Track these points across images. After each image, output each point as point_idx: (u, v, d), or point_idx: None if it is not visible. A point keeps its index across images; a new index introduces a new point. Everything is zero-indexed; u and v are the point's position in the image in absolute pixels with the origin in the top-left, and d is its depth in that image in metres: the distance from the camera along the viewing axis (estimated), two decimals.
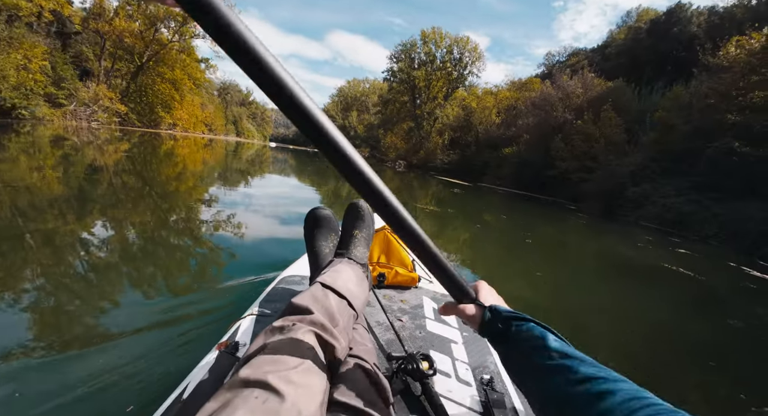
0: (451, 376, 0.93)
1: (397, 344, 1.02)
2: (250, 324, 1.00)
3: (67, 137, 12.48)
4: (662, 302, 3.62)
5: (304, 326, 0.63)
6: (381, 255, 1.53)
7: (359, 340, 0.82)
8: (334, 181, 11.43)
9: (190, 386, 0.75)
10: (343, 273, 0.87)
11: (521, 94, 24.97)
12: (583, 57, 37.24)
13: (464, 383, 0.91)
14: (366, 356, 0.75)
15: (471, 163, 25.91)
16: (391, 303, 1.29)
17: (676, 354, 2.48)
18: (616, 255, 6.13)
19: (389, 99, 39.05)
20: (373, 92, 59.72)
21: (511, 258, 4.65)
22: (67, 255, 2.29)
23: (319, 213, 1.11)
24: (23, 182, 4.20)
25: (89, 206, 3.59)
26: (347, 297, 0.79)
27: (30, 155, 6.94)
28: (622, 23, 41.18)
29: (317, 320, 0.66)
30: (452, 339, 1.11)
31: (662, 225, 10.44)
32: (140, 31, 22.79)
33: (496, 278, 3.46)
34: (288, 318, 0.66)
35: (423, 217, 6.04)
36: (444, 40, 33.28)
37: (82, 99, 19.34)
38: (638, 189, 12.30)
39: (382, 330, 1.10)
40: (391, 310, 1.24)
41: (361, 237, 1.09)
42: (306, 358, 0.56)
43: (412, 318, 1.21)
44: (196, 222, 3.66)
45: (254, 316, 1.04)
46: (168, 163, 9.46)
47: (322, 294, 0.75)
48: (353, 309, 0.80)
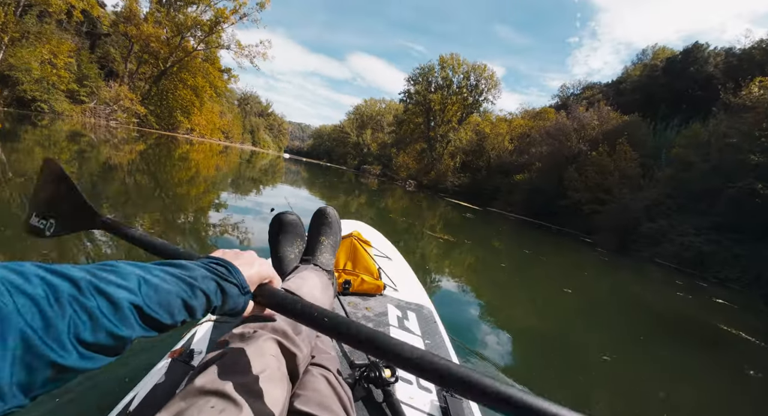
0: (413, 383, 0.93)
1: (359, 352, 0.97)
2: (207, 331, 0.96)
3: (84, 133, 12.64)
4: (709, 367, 3.21)
5: (265, 333, 0.62)
6: (347, 262, 1.52)
7: (322, 348, 0.80)
8: (345, 195, 11.57)
9: (138, 396, 0.71)
10: (309, 280, 0.86)
11: (535, 122, 25.03)
12: (597, 91, 37.53)
13: (425, 389, 0.92)
14: (328, 364, 0.74)
15: (481, 187, 25.89)
16: (355, 311, 1.27)
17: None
18: (648, 304, 5.52)
19: (404, 119, 39.49)
20: (388, 112, 60.61)
21: (534, 296, 4.40)
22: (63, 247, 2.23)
23: (286, 218, 1.08)
24: (33, 173, 4.13)
25: (93, 201, 3.64)
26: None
27: (45, 148, 6.95)
28: (638, 60, 41.76)
29: (279, 327, 0.64)
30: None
31: (681, 265, 9.98)
32: (167, 37, 23.50)
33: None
34: (249, 324, 0.64)
35: (439, 247, 5.83)
36: (461, 67, 33.85)
37: (104, 98, 19.79)
38: (654, 225, 11.95)
39: None
40: (355, 317, 1.22)
41: (328, 243, 1.08)
42: (266, 367, 0.55)
43: (376, 325, 1.20)
44: (192, 222, 3.59)
45: (212, 322, 1.00)
46: (180, 167, 9.47)
47: None
48: None
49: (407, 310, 1.37)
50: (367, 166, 48.30)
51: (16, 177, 3.76)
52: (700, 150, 12.89)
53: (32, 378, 0.26)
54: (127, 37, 22.06)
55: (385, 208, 10.32)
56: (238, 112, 55.26)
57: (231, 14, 23.83)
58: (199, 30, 24.28)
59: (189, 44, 24.67)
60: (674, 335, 3.97)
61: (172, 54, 23.81)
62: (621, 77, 39.11)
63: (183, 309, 0.38)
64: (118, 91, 20.52)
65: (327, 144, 79.13)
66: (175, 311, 0.37)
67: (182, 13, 23.76)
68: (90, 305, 0.29)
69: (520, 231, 12.26)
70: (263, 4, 23.93)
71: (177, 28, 23.46)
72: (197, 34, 24.53)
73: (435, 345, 1.17)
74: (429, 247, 5.61)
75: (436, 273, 4.18)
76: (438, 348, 1.16)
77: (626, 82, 35.48)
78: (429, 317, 1.37)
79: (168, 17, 23.43)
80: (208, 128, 33.77)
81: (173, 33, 23.65)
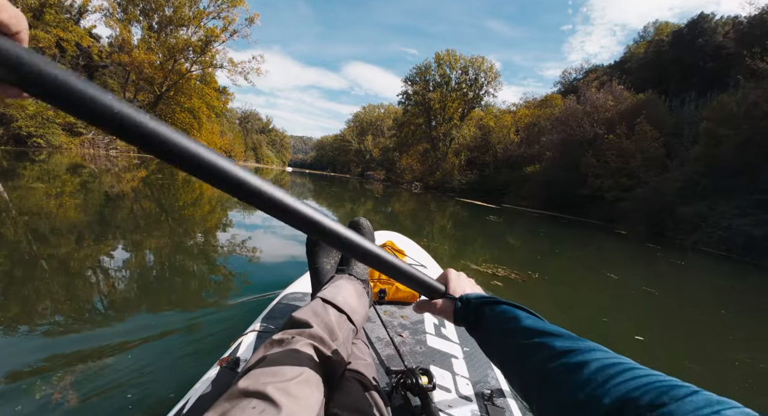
0: (451, 391, 0.92)
1: (397, 359, 1.00)
2: (252, 341, 1.00)
3: (84, 165, 12.40)
4: None
5: (303, 339, 0.64)
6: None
7: (358, 355, 0.82)
8: (350, 203, 11.42)
9: (191, 400, 0.75)
10: (344, 289, 0.88)
11: (542, 111, 24.04)
12: (601, 73, 36.61)
13: (464, 398, 0.91)
14: (364, 370, 0.75)
15: (490, 183, 25.18)
16: (391, 319, 1.28)
17: None
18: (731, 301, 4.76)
19: (404, 121, 38.86)
20: (387, 116, 60.23)
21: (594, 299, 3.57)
22: (79, 278, 2.30)
23: None
24: (37, 209, 4.22)
25: (102, 232, 3.59)
26: (347, 312, 0.80)
27: (45, 182, 6.82)
28: (640, 39, 41.50)
29: (316, 333, 0.66)
30: (453, 354, 1.11)
31: (730, 252, 8.94)
32: (160, 62, 23.28)
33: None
34: (288, 331, 0.67)
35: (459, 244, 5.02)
36: (459, 62, 33.07)
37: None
38: (690, 208, 10.95)
39: (382, 345, 1.09)
40: (391, 326, 1.22)
41: None
42: (304, 371, 0.56)
43: (412, 333, 1.20)
44: (204, 245, 3.69)
45: (256, 332, 1.04)
46: (184, 190, 9.22)
47: (322, 309, 0.76)
48: (353, 323, 0.81)
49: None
50: (370, 172, 47.92)
51: (20, 215, 3.79)
52: (730, 123, 11.84)
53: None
54: (122, 65, 21.93)
55: (394, 214, 9.59)
56: (239, 131, 55.41)
57: (221, 32, 23.53)
58: (192, 51, 24.02)
59: (183, 67, 24.46)
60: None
61: (167, 78, 23.57)
62: (625, 56, 38.74)
63: None
64: None
65: (329, 154, 79.18)
66: None
67: (173, 36, 23.55)
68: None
69: (542, 226, 11.34)
70: (252, 19, 23.59)
71: (169, 51, 23.23)
72: (189, 56, 24.28)
73: (473, 352, 1.14)
74: (455, 248, 5.26)
75: (476, 277, 3.69)
76: (477, 356, 1.12)
77: (631, 61, 34.92)
78: None
79: (159, 42, 23.22)
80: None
81: (166, 57, 23.43)
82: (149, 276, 2.49)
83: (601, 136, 16.36)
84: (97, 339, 1.57)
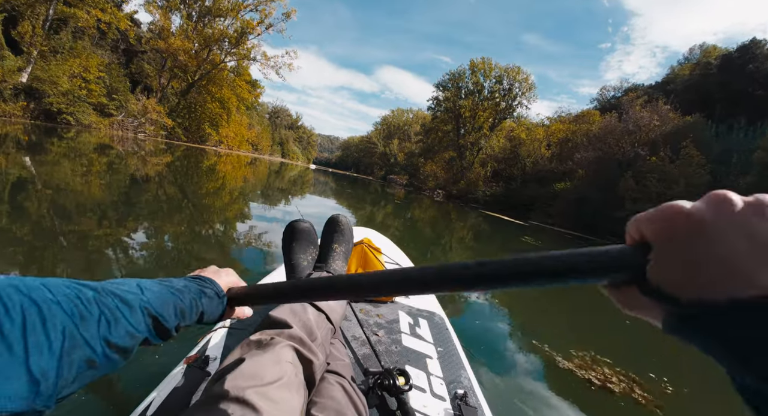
0: (426, 391, 0.92)
1: (373, 359, 0.99)
2: (222, 338, 0.95)
3: (112, 146, 12.55)
4: None
5: (282, 340, 0.62)
6: (358, 268, 1.51)
7: (336, 355, 0.79)
8: (371, 205, 11.41)
9: (155, 402, 0.72)
10: None
11: (578, 126, 23.00)
12: (641, 92, 35.07)
13: (438, 398, 0.90)
14: (343, 371, 0.73)
15: (516, 197, 24.23)
16: (367, 318, 1.25)
17: None
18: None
19: (432, 127, 38.24)
20: (416, 122, 59.84)
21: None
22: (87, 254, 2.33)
23: (299, 225, 1.10)
24: (61, 186, 4.20)
25: (110, 213, 3.57)
26: (325, 312, 0.78)
27: (71, 160, 6.80)
28: (684, 60, 40.16)
29: (296, 334, 0.64)
30: (427, 355, 1.10)
31: None
32: (195, 50, 23.68)
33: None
34: (265, 332, 0.64)
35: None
36: (493, 71, 32.26)
37: (132, 110, 19.88)
38: None
39: (358, 344, 1.07)
40: (367, 325, 1.20)
41: (340, 251, 1.10)
42: (284, 373, 0.55)
43: (388, 332, 1.18)
44: (221, 233, 3.59)
45: (226, 329, 1.00)
46: (207, 178, 9.34)
47: (300, 308, 0.74)
48: (331, 323, 0.79)
49: (419, 317, 1.35)
50: (393, 176, 47.58)
51: (45, 188, 3.76)
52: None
53: (69, 374, 0.27)
54: (158, 51, 22.41)
55: (414, 221, 9.10)
56: (267, 125, 56.25)
57: (257, 25, 23.75)
58: (227, 42, 24.35)
59: (218, 57, 24.81)
60: None
61: (200, 67, 23.95)
62: (667, 77, 37.25)
63: (178, 314, 0.39)
64: (146, 104, 20.62)
65: (354, 155, 79.41)
66: (173, 315, 0.39)
67: (210, 26, 23.94)
68: (110, 304, 0.32)
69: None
70: (289, 14, 23.74)
71: (205, 41, 23.60)
72: (225, 47, 24.62)
73: (447, 352, 1.14)
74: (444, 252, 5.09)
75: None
76: (450, 356, 1.12)
77: (675, 82, 33.39)
78: (441, 324, 1.35)
79: (196, 31, 23.64)
80: (237, 140, 33.96)
81: (201, 46, 23.82)
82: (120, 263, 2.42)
83: (642, 158, 15.30)
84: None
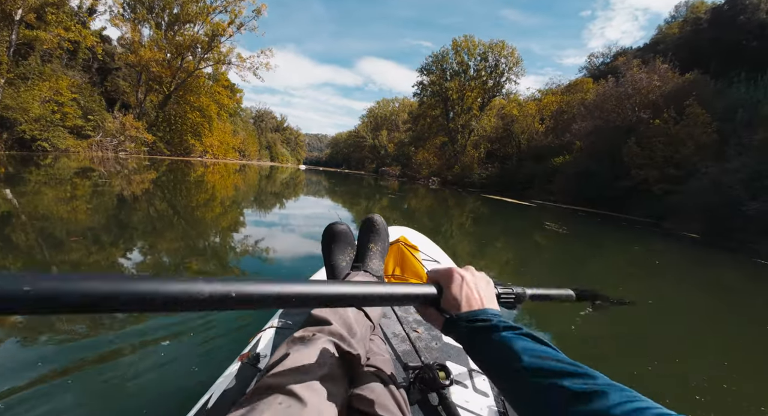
0: (468, 387, 0.91)
1: (413, 355, 0.99)
2: (271, 336, 1.00)
3: (93, 168, 11.96)
4: None
5: (323, 336, 0.65)
6: (396, 267, 1.53)
7: (376, 351, 0.81)
8: (365, 200, 11.25)
9: (215, 395, 0.75)
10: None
11: (572, 96, 22.16)
12: (631, 56, 34.22)
13: (481, 393, 0.90)
14: (383, 366, 0.75)
15: (513, 177, 23.62)
16: (406, 315, 1.25)
17: None
18: None
19: (420, 114, 37.36)
20: (402, 110, 58.75)
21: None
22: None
23: (336, 228, 1.13)
24: (45, 214, 4.16)
25: (113, 236, 3.51)
26: (364, 309, 0.80)
27: (52, 187, 6.56)
28: (671, 19, 39.42)
29: (336, 331, 0.67)
30: None
31: None
32: (168, 60, 22.67)
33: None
34: (308, 329, 0.67)
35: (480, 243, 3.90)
36: (477, 48, 31.26)
37: (109, 129, 19.02)
38: (758, 204, 9.35)
39: (398, 341, 1.08)
40: (406, 321, 1.20)
41: (377, 250, 1.12)
42: (326, 367, 0.58)
43: (427, 329, 1.17)
44: (217, 244, 3.65)
45: (274, 328, 1.04)
46: (196, 190, 9.21)
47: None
48: (370, 320, 0.80)
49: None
50: (385, 168, 46.79)
51: (30, 220, 3.76)
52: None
53: None
54: (131, 66, 21.44)
55: (411, 211, 8.51)
56: (252, 130, 55.09)
57: (228, 25, 22.72)
58: (199, 48, 23.33)
59: (191, 64, 23.81)
60: None
61: (175, 76, 22.98)
62: (656, 38, 36.44)
63: None
64: (123, 121, 19.74)
65: (344, 151, 78.44)
66: None
67: (180, 34, 22.90)
68: None
69: (571, 220, 9.95)
70: (260, 11, 22.72)
71: (177, 49, 22.60)
72: (198, 53, 23.59)
73: None
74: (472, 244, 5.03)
75: (489, 271, 3.53)
76: None
77: (665, 42, 32.49)
78: None
79: (166, 39, 22.61)
80: (222, 148, 33.04)
81: (173, 55, 22.82)
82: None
83: (645, 122, 14.60)
84: (114, 341, 1.56)
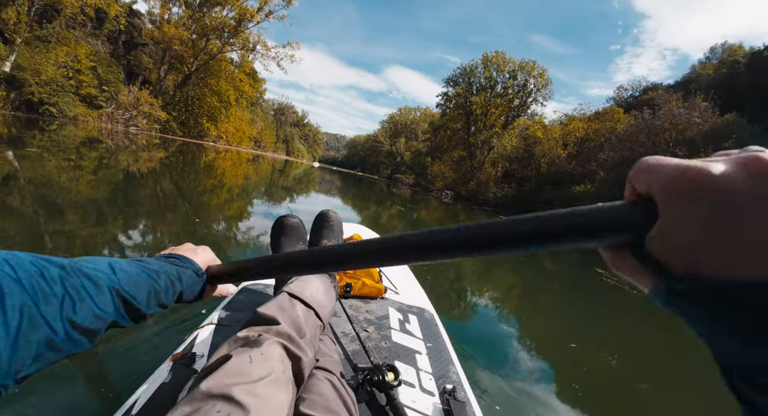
0: (415, 386, 0.92)
1: (363, 355, 0.99)
2: (209, 335, 0.95)
3: (101, 139, 11.70)
4: None
5: (270, 337, 0.61)
6: None
7: (325, 351, 0.79)
8: (375, 205, 11.17)
9: (141, 400, 0.71)
10: (311, 284, 0.85)
11: (601, 124, 21.37)
12: (661, 92, 33.56)
13: (428, 393, 0.90)
14: (332, 368, 0.74)
15: (530, 200, 22.75)
16: (357, 314, 1.26)
17: None
18: None
19: (441, 125, 36.70)
20: (423, 120, 58.35)
21: None
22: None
23: (287, 221, 1.10)
24: (41, 182, 4.01)
25: (99, 210, 3.42)
26: (314, 308, 0.78)
27: (54, 155, 6.31)
28: (705, 60, 39.26)
29: (284, 331, 0.64)
30: (417, 350, 1.10)
31: None
32: (192, 40, 22.43)
33: None
34: (253, 328, 0.64)
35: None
36: (507, 65, 30.70)
37: (122, 102, 18.67)
38: None
39: (348, 340, 1.07)
40: (357, 321, 1.20)
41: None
42: (272, 370, 0.54)
43: (377, 328, 1.18)
44: (220, 232, 3.49)
45: (213, 326, 0.99)
46: (206, 176, 8.94)
47: (289, 304, 0.73)
48: (320, 319, 0.78)
49: (408, 313, 1.35)
50: (399, 176, 46.31)
51: (28, 184, 3.68)
52: None
53: (26, 354, 0.26)
54: (154, 41, 21.25)
55: (420, 222, 7.95)
56: (272, 121, 55.15)
57: (256, 11, 22.45)
58: (225, 32, 23.07)
59: (216, 47, 23.56)
60: None
61: (197, 57, 22.71)
62: (688, 76, 35.97)
63: (153, 295, 0.39)
64: (137, 96, 19.39)
65: (360, 154, 78.20)
66: (146, 297, 0.38)
67: (208, 15, 22.70)
68: (77, 283, 0.30)
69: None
70: (290, 0, 22.41)
71: (202, 30, 22.35)
72: (223, 36, 23.34)
73: (436, 348, 1.15)
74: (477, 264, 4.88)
75: (437, 277, 3.71)
76: (439, 351, 1.13)
77: (697, 81, 31.83)
78: (430, 320, 1.34)
79: (193, 19, 22.40)
80: (237, 136, 32.75)
81: (199, 35, 22.58)
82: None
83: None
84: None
